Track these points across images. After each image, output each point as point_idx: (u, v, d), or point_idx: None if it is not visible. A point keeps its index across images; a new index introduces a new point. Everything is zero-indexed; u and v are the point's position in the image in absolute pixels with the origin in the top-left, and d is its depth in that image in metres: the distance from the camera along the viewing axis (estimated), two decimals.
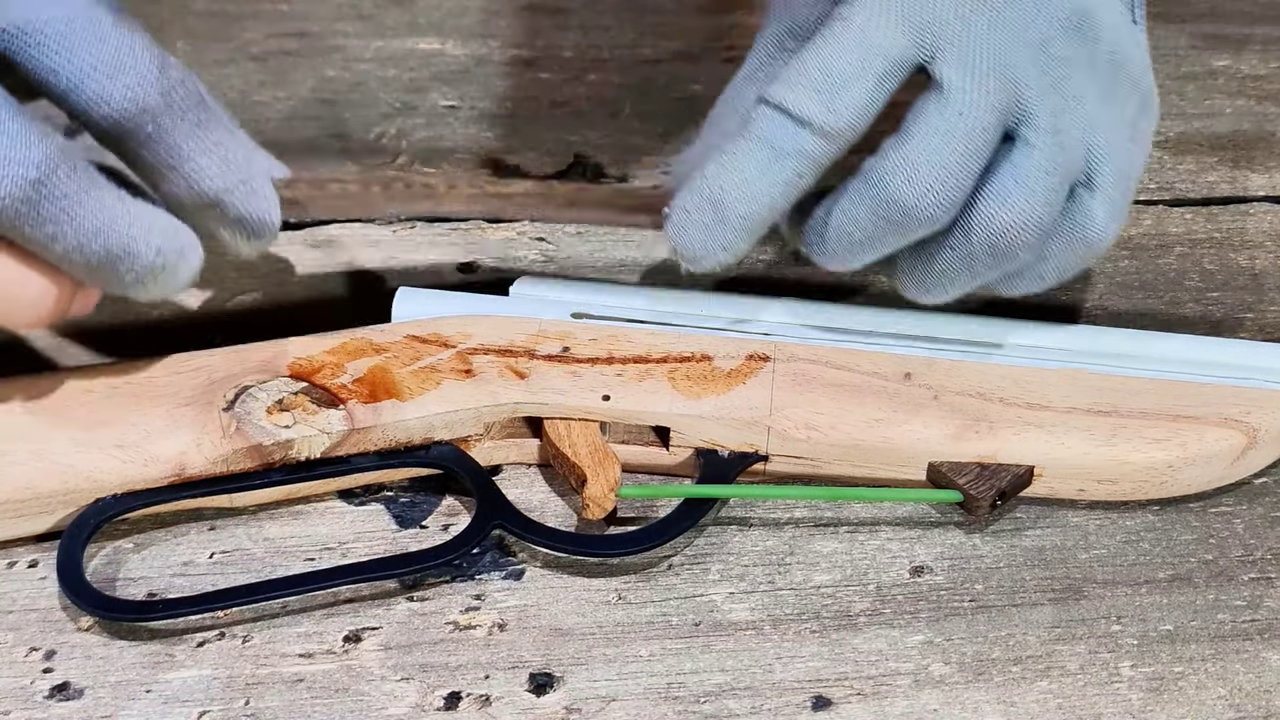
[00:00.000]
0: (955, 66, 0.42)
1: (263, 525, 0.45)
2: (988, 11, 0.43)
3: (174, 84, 0.41)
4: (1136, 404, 0.46)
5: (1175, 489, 0.46)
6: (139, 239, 0.40)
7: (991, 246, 0.43)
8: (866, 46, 0.42)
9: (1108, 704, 0.41)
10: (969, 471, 0.45)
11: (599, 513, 0.44)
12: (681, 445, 0.46)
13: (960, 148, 0.42)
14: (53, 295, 0.41)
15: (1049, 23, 0.43)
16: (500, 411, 0.45)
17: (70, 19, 0.40)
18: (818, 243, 0.44)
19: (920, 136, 0.42)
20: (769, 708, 0.41)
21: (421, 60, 0.65)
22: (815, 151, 0.42)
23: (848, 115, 0.42)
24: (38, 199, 0.38)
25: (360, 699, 0.40)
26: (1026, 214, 0.42)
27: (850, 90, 0.42)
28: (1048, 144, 0.43)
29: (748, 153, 0.43)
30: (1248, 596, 0.45)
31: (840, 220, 0.43)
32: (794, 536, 0.46)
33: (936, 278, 0.44)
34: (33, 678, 0.40)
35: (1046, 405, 0.46)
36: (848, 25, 0.42)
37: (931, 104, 0.42)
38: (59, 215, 0.39)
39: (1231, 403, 0.46)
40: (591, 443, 0.45)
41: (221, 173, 0.42)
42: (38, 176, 0.38)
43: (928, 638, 0.43)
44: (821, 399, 0.46)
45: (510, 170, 0.60)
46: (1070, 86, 0.43)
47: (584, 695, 0.41)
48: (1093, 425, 0.46)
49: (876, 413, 0.46)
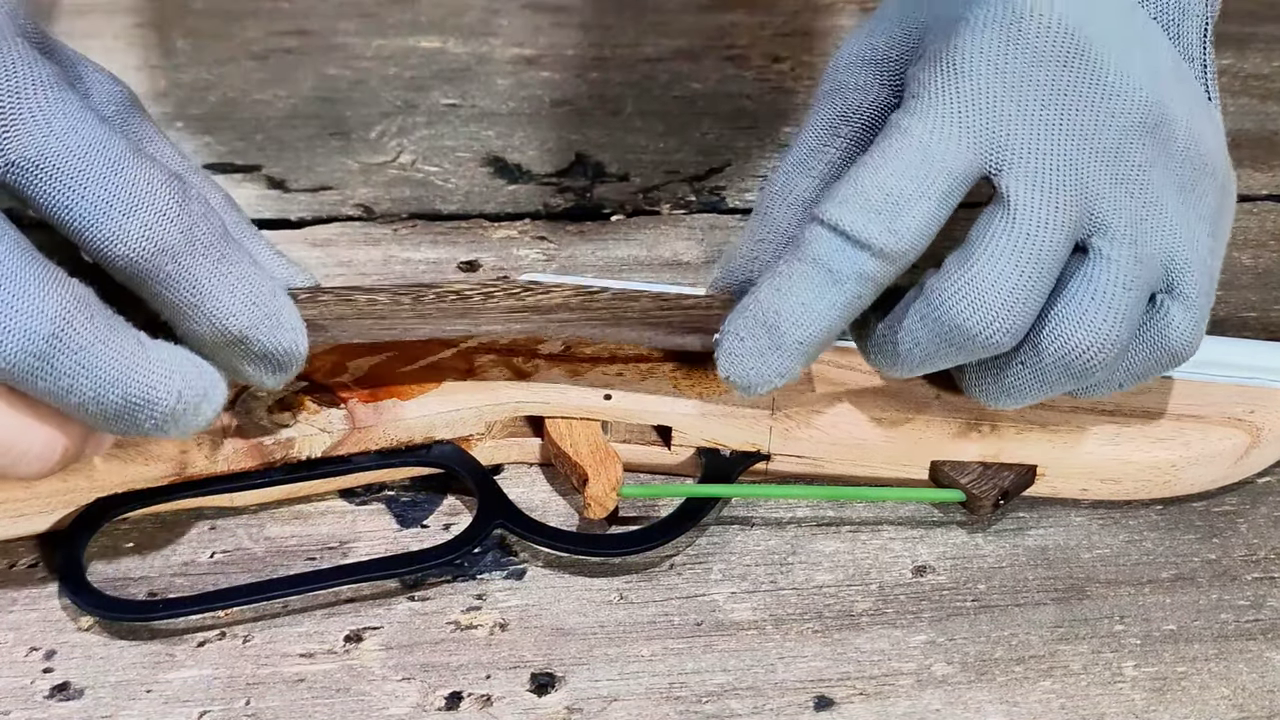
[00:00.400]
0: (1023, 180, 0.40)
1: (263, 524, 0.45)
2: (1057, 118, 0.41)
3: (196, 219, 0.38)
4: (1139, 403, 0.46)
5: (1179, 488, 0.46)
6: (159, 386, 0.37)
7: (1066, 366, 0.41)
8: (929, 164, 0.40)
9: (1111, 704, 0.41)
10: (971, 471, 0.45)
11: (600, 512, 0.44)
12: (683, 444, 0.46)
13: (1029, 271, 0.40)
14: (61, 445, 0.38)
15: (1123, 127, 0.41)
16: (501, 410, 0.45)
17: (85, 150, 0.37)
18: (880, 358, 0.42)
19: (985, 258, 0.40)
20: (771, 708, 0.41)
21: (423, 58, 0.65)
22: (875, 274, 0.40)
23: (909, 237, 0.40)
24: (52, 354, 0.36)
25: (361, 699, 0.40)
26: (1104, 334, 0.40)
27: (912, 211, 0.39)
28: (1125, 257, 0.41)
29: (804, 276, 0.40)
30: (1251, 596, 0.44)
31: (903, 340, 0.41)
32: (796, 536, 0.45)
33: (1006, 390, 0.42)
34: (33, 677, 0.40)
35: (1049, 404, 0.46)
36: (908, 139, 0.40)
37: (998, 221, 0.40)
38: (74, 369, 0.36)
39: (1235, 402, 0.46)
40: (593, 442, 0.45)
41: (246, 310, 0.38)
42: (52, 331, 0.35)
43: (930, 637, 0.43)
44: (824, 398, 0.46)
45: (511, 169, 0.60)
46: (1148, 193, 0.41)
47: (585, 695, 0.41)
48: (1095, 424, 0.46)
49: (879, 412, 0.45)
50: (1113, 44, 0.42)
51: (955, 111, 0.40)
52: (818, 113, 0.44)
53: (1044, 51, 0.41)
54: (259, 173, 0.60)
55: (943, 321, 0.40)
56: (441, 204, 0.58)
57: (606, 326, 0.44)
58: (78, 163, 0.37)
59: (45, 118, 0.37)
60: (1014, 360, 0.42)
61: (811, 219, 0.41)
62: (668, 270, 0.55)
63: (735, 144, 0.62)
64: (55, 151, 0.37)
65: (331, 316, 0.43)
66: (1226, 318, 0.54)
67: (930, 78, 0.41)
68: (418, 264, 0.55)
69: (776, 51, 0.67)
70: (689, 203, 0.59)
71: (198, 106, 0.63)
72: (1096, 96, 0.41)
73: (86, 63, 0.42)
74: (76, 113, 0.38)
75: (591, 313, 0.44)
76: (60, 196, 0.37)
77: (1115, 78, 0.41)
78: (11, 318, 0.35)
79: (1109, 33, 0.42)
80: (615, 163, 0.60)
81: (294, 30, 0.67)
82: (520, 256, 0.55)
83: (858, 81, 0.44)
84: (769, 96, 0.64)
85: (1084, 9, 0.42)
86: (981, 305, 0.40)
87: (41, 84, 0.37)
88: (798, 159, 0.44)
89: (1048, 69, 0.41)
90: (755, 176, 0.60)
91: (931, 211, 0.40)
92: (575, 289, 0.45)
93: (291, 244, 0.55)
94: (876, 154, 0.40)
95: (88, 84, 0.42)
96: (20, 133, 0.37)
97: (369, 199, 0.58)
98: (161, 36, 0.68)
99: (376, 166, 0.60)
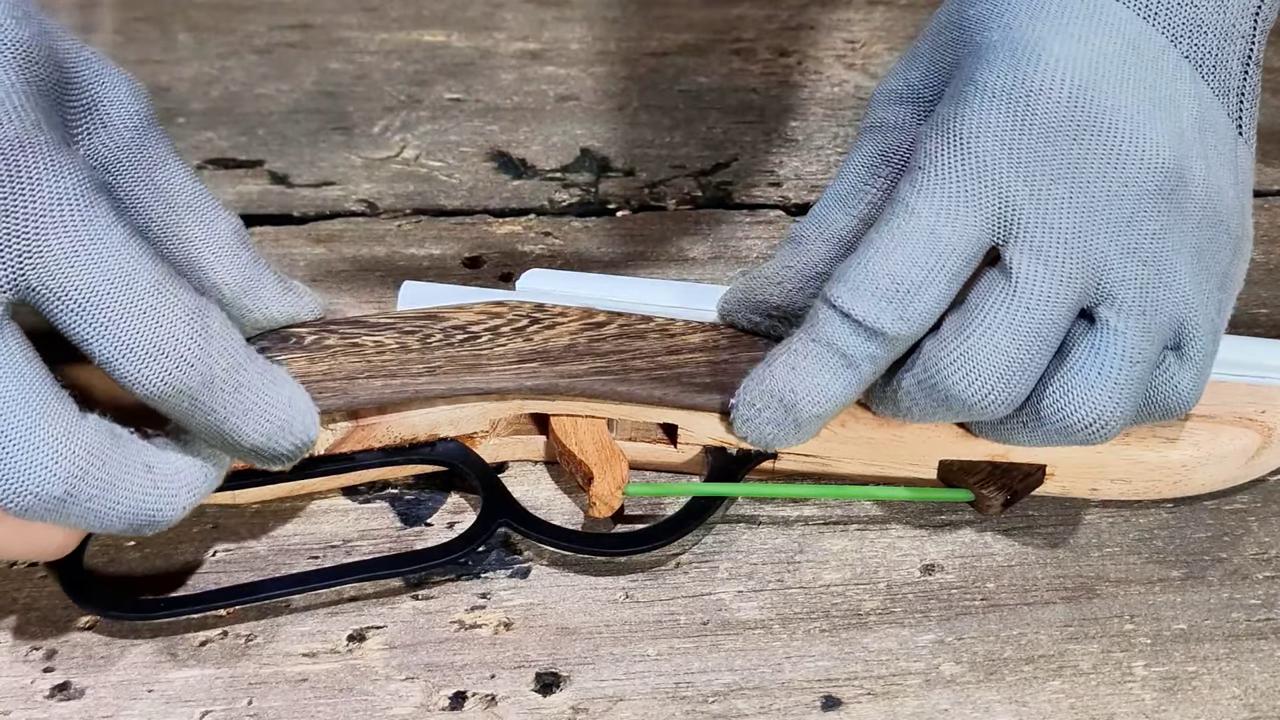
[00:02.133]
0: (1027, 253, 0.39)
1: (266, 522, 0.44)
2: (1067, 192, 0.40)
3: (214, 357, 0.38)
4: None
5: (1189, 488, 0.46)
6: (165, 509, 0.38)
7: (1067, 433, 0.40)
8: (937, 247, 0.39)
9: (1121, 704, 0.41)
10: (980, 470, 0.45)
11: (606, 510, 0.44)
12: (689, 442, 0.45)
13: (1027, 343, 0.39)
14: (77, 537, 0.40)
15: (1137, 195, 0.40)
16: (506, 408, 0.45)
17: (110, 284, 0.36)
18: (883, 409, 0.43)
19: (982, 329, 0.39)
20: (778, 707, 0.40)
21: (426, 52, 0.65)
22: (886, 355, 0.40)
23: (919, 320, 0.40)
24: (63, 508, 0.36)
25: (364, 699, 0.40)
26: (1108, 410, 0.40)
27: (923, 297, 0.39)
28: (1134, 329, 0.40)
29: (818, 358, 0.41)
30: (1262, 595, 0.44)
31: (902, 400, 0.41)
32: (803, 534, 0.45)
33: (1008, 439, 0.43)
34: (33, 677, 0.40)
35: None
36: (915, 222, 0.40)
37: (998, 292, 0.40)
38: (85, 513, 0.37)
39: (1246, 401, 0.46)
40: (598, 440, 0.44)
41: (259, 428, 0.39)
42: (65, 491, 0.36)
43: (939, 637, 0.42)
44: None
45: (516, 164, 0.59)
46: (1161, 260, 0.40)
47: (591, 695, 0.40)
48: None
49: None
50: (1130, 106, 0.40)
51: (962, 190, 0.40)
52: (860, 149, 0.44)
53: (1055, 126, 0.40)
54: (261, 168, 0.59)
55: (938, 389, 0.40)
56: (445, 199, 0.58)
57: (617, 383, 0.44)
58: (102, 299, 0.36)
59: (72, 244, 0.36)
60: (1015, 419, 0.42)
61: (824, 300, 0.41)
62: (673, 266, 0.55)
63: (742, 139, 0.61)
64: (79, 285, 0.36)
65: (341, 374, 0.43)
66: (1237, 315, 0.53)
67: (937, 150, 0.40)
68: (421, 260, 0.54)
69: (783, 45, 0.67)
70: (695, 198, 0.58)
71: (200, 101, 0.63)
72: (1109, 167, 0.40)
73: (105, 72, 0.41)
74: (103, 234, 0.37)
75: (600, 359, 0.45)
76: (82, 329, 0.36)
77: (1130, 145, 0.40)
78: (24, 483, 0.36)
79: (1127, 92, 0.40)
80: (621, 158, 0.60)
81: (297, 24, 0.66)
82: (525, 253, 0.55)
83: (897, 119, 0.44)
84: (776, 91, 0.64)
85: (1100, 69, 0.40)
86: (977, 377, 0.40)
87: (68, 200, 0.36)
88: (839, 194, 0.44)
89: (1059, 144, 0.40)
90: (762, 171, 0.60)
91: (941, 293, 0.40)
92: (581, 320, 0.45)
93: (294, 240, 0.55)
94: (885, 235, 0.40)
95: (104, 106, 0.40)
96: (45, 259, 0.36)
97: (372, 194, 0.58)
98: (163, 30, 0.68)
99: (380, 161, 0.60)
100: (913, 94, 0.44)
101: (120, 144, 0.40)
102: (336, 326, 0.44)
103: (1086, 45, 0.40)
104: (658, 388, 0.44)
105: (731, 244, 0.56)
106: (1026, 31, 0.41)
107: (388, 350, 0.44)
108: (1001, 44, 0.41)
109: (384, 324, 0.44)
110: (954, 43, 0.43)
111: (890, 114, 0.44)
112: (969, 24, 0.42)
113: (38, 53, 0.38)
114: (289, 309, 0.43)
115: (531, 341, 0.45)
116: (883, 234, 0.40)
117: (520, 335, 0.45)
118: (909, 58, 0.44)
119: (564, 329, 0.45)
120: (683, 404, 0.44)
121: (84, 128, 0.40)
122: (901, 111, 0.44)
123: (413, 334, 0.44)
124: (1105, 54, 0.40)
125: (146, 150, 0.41)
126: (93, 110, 0.40)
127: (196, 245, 0.41)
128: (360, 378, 0.43)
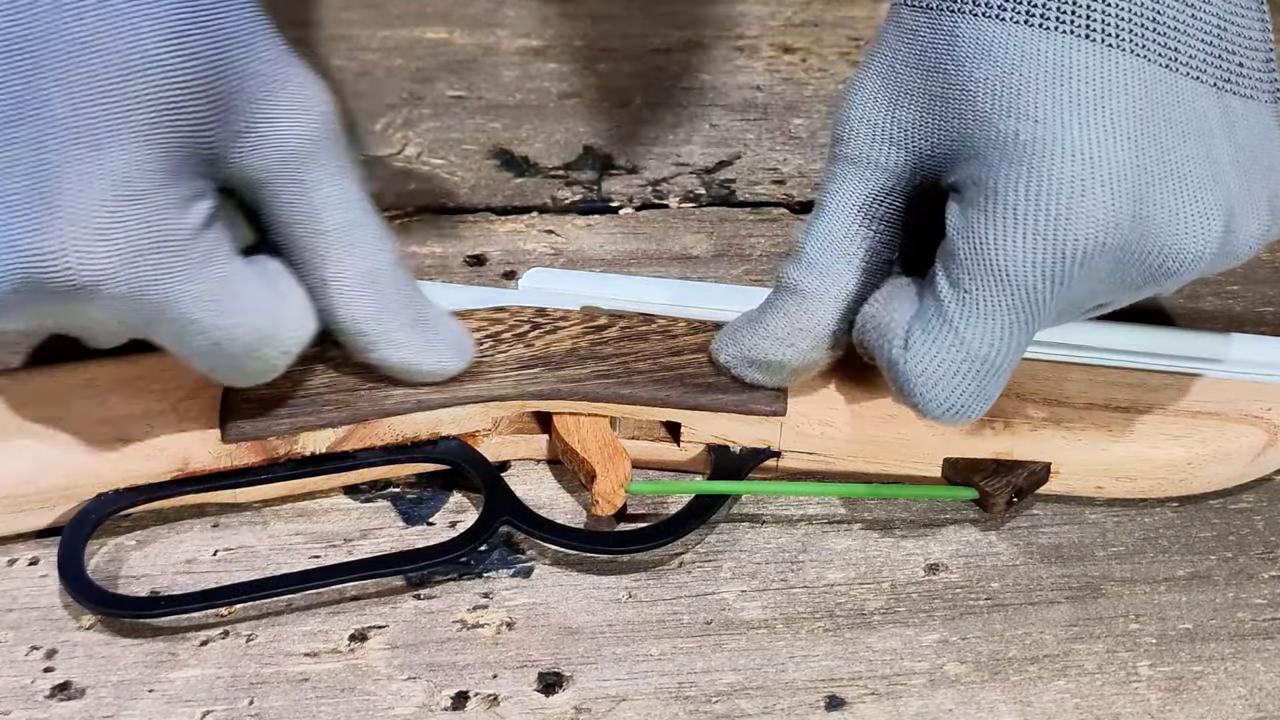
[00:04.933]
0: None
1: (267, 522, 0.44)
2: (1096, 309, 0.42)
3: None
4: (1155, 400, 0.46)
5: (1195, 486, 0.46)
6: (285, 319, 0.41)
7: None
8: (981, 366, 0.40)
9: (1126, 704, 0.41)
10: (985, 468, 0.45)
11: (609, 509, 0.44)
12: (692, 441, 0.45)
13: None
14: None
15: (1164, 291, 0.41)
16: (509, 406, 0.45)
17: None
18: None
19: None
20: (782, 707, 0.40)
21: (428, 50, 0.65)
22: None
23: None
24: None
25: (366, 699, 0.40)
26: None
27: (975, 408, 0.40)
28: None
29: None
30: (1268, 594, 0.44)
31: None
32: (807, 534, 0.45)
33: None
34: (34, 677, 0.40)
35: (1064, 401, 0.45)
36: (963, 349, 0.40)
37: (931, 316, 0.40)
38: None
39: (1252, 399, 0.46)
40: (601, 438, 0.44)
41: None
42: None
43: (943, 636, 0.42)
44: (836, 394, 0.45)
45: (519, 162, 0.59)
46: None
47: (593, 695, 0.40)
48: (1111, 421, 0.45)
49: (892, 408, 0.45)
50: (1173, 216, 0.39)
51: (1010, 323, 0.39)
52: (845, 184, 0.42)
53: (1101, 253, 0.38)
54: None
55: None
56: (447, 197, 0.58)
57: (620, 385, 0.44)
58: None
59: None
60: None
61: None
62: (676, 264, 0.54)
63: (745, 136, 0.61)
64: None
65: (344, 387, 0.43)
66: (1243, 313, 0.53)
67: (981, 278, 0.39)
68: (424, 258, 0.54)
69: (787, 42, 0.66)
70: (698, 196, 0.58)
71: None
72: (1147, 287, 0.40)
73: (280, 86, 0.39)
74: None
75: (602, 362, 0.45)
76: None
77: (1174, 264, 0.39)
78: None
79: (1170, 188, 0.39)
80: (624, 155, 0.59)
81: (298, 21, 0.66)
82: (527, 251, 0.55)
83: (887, 161, 0.42)
84: (779, 88, 0.64)
85: (1143, 165, 0.38)
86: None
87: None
88: (833, 239, 0.42)
89: (1103, 266, 0.39)
90: (765, 169, 0.59)
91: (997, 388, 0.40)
92: (583, 324, 0.45)
93: None
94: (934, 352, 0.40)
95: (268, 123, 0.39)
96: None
97: (374, 191, 0.58)
98: None
99: (382, 159, 0.59)
100: (905, 139, 0.41)
101: (273, 162, 0.40)
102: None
103: (1123, 137, 0.38)
104: (660, 389, 0.44)
105: (735, 242, 0.56)
106: (1057, 129, 0.38)
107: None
108: (1031, 148, 0.38)
109: None
110: (957, 97, 0.40)
111: (878, 152, 0.42)
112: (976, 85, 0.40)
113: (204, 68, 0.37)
114: (408, 359, 0.43)
115: (533, 348, 0.45)
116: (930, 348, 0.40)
117: (521, 341, 0.45)
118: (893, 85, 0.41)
119: (565, 333, 0.45)
120: (686, 404, 0.44)
121: (242, 143, 0.39)
122: (892, 154, 0.41)
123: None
124: (1144, 141, 0.39)
125: (303, 171, 0.40)
126: (253, 128, 0.39)
127: (324, 285, 0.41)
128: (363, 389, 0.43)
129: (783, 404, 0.44)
